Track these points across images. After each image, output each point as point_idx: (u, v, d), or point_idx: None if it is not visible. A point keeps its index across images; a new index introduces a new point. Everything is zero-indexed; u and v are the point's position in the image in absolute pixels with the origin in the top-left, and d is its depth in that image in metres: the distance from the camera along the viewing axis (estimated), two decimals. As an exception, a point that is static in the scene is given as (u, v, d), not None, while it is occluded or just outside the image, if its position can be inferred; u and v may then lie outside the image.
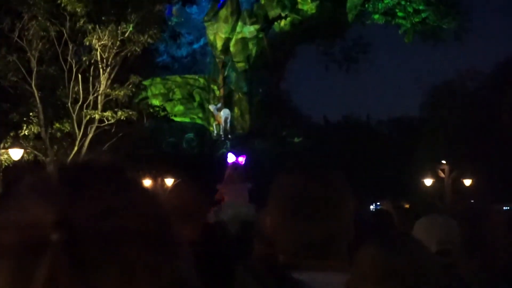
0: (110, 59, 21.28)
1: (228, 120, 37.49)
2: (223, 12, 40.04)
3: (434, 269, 1.88)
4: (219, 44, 39.78)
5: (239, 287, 1.96)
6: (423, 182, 41.58)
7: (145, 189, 0.86)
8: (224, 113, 37.16)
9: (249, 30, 39.34)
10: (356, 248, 1.98)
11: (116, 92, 21.60)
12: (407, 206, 13.86)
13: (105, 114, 21.44)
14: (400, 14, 35.63)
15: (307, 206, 1.94)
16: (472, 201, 30.43)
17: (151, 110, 24.96)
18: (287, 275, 1.88)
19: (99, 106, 21.58)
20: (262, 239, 3.89)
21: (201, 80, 41.27)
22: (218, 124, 37.93)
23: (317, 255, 1.93)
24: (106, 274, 0.74)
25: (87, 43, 21.02)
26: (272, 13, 38.75)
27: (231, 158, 12.91)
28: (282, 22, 38.76)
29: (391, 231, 3.91)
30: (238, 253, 4.52)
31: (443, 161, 42.36)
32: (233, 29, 39.67)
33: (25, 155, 22.40)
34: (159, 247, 0.79)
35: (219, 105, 38.49)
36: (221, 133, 37.60)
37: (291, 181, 2.02)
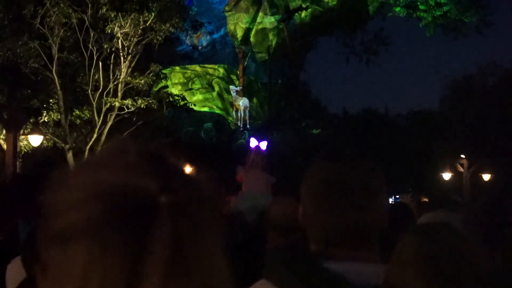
0: (131, 47, 21.32)
1: (247, 111, 37.32)
2: (244, 2, 39.91)
3: (475, 259, 1.87)
4: (240, 34, 39.66)
5: (270, 273, 1.92)
6: (441, 176, 41.41)
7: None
8: (244, 102, 36.92)
9: (269, 20, 39.21)
10: (380, 240, 1.96)
11: (137, 81, 21.64)
12: (425, 199, 13.83)
13: (125, 102, 21.48)
14: (421, 7, 35.33)
15: (342, 193, 1.90)
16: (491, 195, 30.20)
17: (171, 99, 24.95)
18: (319, 264, 1.85)
19: (119, 94, 21.63)
20: (274, 227, 3.90)
21: (221, 70, 41.17)
22: (237, 111, 37.70)
23: (350, 245, 1.90)
24: (202, 232, 0.89)
25: (109, 31, 21.04)
26: (293, 4, 38.60)
27: (253, 142, 12.87)
28: (303, 13, 38.61)
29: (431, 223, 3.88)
30: (255, 243, 4.53)
31: (462, 156, 42.15)
32: (254, 19, 39.54)
33: (44, 141, 22.56)
34: (220, 212, 0.99)
35: (239, 87, 38.22)
36: (239, 123, 37.47)
37: (326, 167, 1.97)
